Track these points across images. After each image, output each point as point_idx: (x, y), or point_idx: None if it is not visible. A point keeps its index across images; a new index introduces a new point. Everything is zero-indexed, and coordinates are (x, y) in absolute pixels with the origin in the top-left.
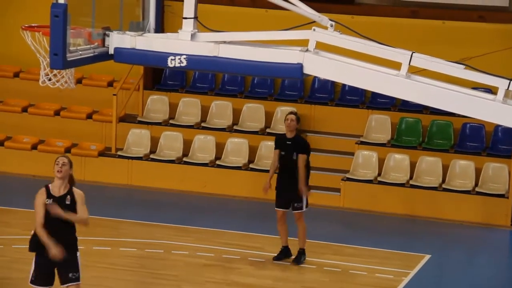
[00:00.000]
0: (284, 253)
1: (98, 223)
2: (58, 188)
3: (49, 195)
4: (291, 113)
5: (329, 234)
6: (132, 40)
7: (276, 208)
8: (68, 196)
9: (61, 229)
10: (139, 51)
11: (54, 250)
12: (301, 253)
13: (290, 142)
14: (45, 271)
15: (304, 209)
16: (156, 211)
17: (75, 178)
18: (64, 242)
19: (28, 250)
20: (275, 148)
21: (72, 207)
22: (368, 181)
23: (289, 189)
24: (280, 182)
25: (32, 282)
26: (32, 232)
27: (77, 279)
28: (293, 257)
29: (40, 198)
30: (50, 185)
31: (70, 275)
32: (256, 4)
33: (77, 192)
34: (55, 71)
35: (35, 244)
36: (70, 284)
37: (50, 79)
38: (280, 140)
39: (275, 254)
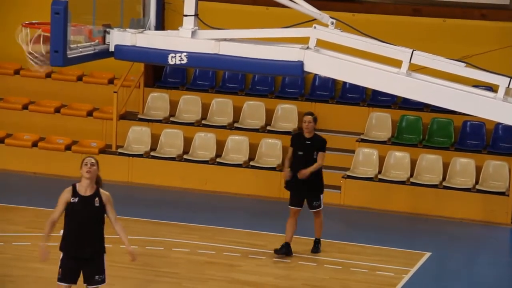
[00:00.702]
0: (286, 249)
1: None
2: (85, 188)
3: (75, 193)
4: (307, 114)
5: (329, 231)
6: (133, 38)
7: (290, 206)
8: (97, 198)
9: (90, 230)
10: (139, 49)
11: (40, 252)
12: (317, 242)
13: (309, 142)
14: (70, 270)
15: (322, 206)
16: (157, 208)
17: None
18: (91, 243)
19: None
20: (291, 146)
21: (101, 210)
22: (368, 179)
23: (306, 188)
24: (296, 181)
25: (59, 280)
26: (62, 232)
27: (103, 281)
28: (292, 255)
29: (65, 195)
30: (77, 184)
31: (96, 277)
32: (256, 1)
33: (105, 194)
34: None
35: (63, 244)
36: (95, 286)
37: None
38: (298, 140)
39: (277, 248)
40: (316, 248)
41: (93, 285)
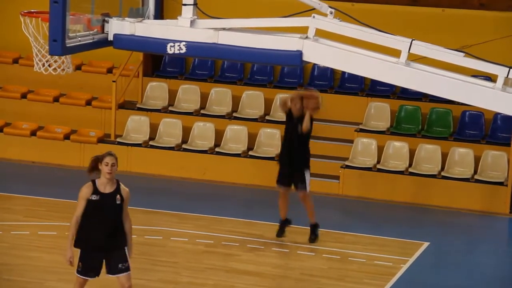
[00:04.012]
0: (284, 224)
1: None
2: (105, 185)
3: (95, 191)
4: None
5: (328, 221)
6: (132, 27)
7: (277, 184)
8: (118, 196)
9: (111, 225)
10: (138, 38)
11: (68, 254)
12: (314, 226)
13: (297, 117)
14: (92, 264)
15: (308, 188)
16: (155, 198)
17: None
18: (113, 235)
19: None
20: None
21: (122, 206)
22: (367, 169)
23: (292, 165)
24: (285, 156)
25: (78, 272)
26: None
27: (127, 269)
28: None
29: (86, 192)
30: (96, 180)
31: (120, 265)
32: None
33: (125, 190)
34: (55, 57)
35: (82, 239)
36: (120, 274)
37: (44, 65)
38: (289, 114)
39: (277, 231)
40: (313, 234)
41: (117, 274)
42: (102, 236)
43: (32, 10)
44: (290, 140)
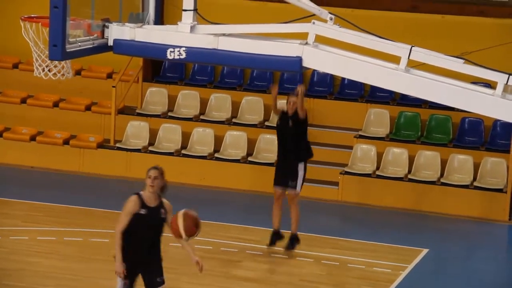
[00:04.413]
0: (275, 237)
1: (97, 215)
2: (150, 198)
3: (143, 205)
4: (293, 95)
5: (327, 227)
6: (132, 32)
7: (274, 186)
8: (162, 210)
9: (153, 238)
10: (138, 43)
11: (119, 266)
12: (293, 238)
13: (290, 115)
14: (130, 277)
15: (298, 189)
16: None
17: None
18: (153, 249)
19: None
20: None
21: (165, 220)
22: (366, 175)
23: (284, 165)
24: (280, 159)
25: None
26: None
27: (163, 282)
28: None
29: (132, 206)
30: (142, 193)
31: (158, 279)
32: None
33: (168, 204)
34: (55, 62)
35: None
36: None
37: (44, 70)
38: (283, 114)
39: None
40: (290, 244)
41: (155, 287)
42: (143, 250)
43: (32, 15)
44: (283, 137)
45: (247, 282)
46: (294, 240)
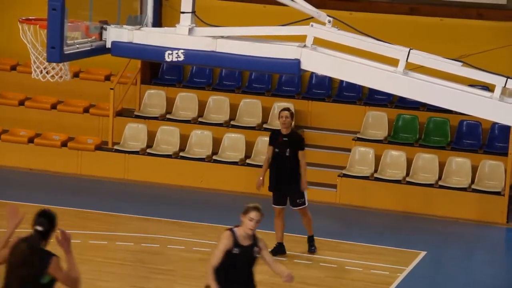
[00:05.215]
0: (278, 249)
1: (95, 217)
2: (244, 237)
3: (236, 243)
4: (284, 109)
5: (325, 230)
6: (130, 34)
7: (273, 206)
8: (256, 248)
9: (245, 274)
10: (136, 45)
11: None
12: (311, 239)
13: (286, 139)
14: None
15: (307, 203)
16: (153, 205)
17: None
18: (246, 282)
19: None
20: (270, 144)
21: (256, 258)
22: (364, 178)
23: (285, 186)
24: (275, 179)
25: None
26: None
27: None
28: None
29: (226, 243)
30: (236, 230)
31: None
32: None
33: (261, 240)
34: (53, 64)
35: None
36: None
37: (41, 72)
38: (274, 136)
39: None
40: (310, 247)
41: None
42: (237, 285)
43: (31, 17)
44: (280, 159)
45: None
46: (312, 241)
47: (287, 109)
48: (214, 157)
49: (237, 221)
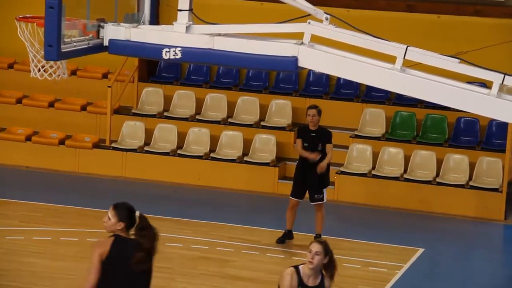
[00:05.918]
0: (287, 235)
1: (92, 215)
2: (309, 276)
3: (300, 282)
4: (311, 107)
5: (323, 227)
6: (127, 32)
7: (290, 197)
8: None
9: None
10: (133, 43)
11: None
12: (318, 237)
13: (314, 134)
14: None
15: (325, 200)
16: (150, 203)
17: None
18: None
19: None
20: (298, 137)
21: None
22: (362, 175)
23: (309, 180)
24: (300, 173)
25: None
26: None
27: None
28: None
29: (289, 281)
30: (301, 268)
31: None
32: None
33: (328, 279)
34: (51, 63)
35: None
36: None
37: (39, 70)
38: (303, 131)
39: (278, 237)
40: None
41: None
42: None
43: (28, 15)
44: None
45: (243, 282)
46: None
47: (314, 107)
48: (212, 155)
49: (236, 218)
